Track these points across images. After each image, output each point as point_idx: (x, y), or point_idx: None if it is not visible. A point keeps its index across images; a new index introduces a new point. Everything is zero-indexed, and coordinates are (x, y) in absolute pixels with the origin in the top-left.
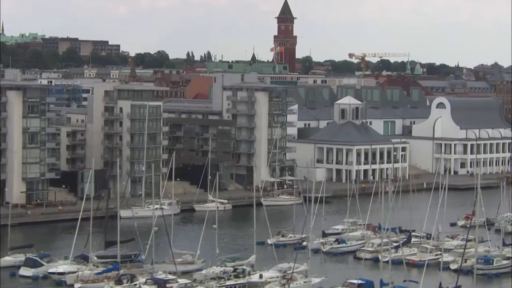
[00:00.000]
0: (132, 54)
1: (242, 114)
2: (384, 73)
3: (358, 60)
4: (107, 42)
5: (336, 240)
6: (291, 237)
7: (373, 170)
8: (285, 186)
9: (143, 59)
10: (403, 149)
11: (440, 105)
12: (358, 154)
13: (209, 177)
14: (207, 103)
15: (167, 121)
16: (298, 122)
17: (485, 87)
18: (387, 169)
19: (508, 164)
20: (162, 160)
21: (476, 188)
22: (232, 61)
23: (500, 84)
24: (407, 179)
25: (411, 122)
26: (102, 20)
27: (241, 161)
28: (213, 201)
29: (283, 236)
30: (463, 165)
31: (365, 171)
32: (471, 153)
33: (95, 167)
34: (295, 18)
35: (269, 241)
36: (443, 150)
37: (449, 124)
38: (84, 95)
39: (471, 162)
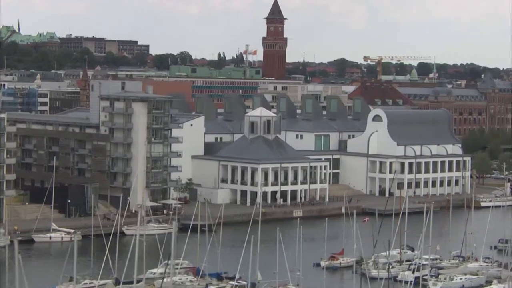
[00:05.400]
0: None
1: (119, 128)
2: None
3: (396, 62)
4: (136, 42)
5: None
6: (86, 284)
7: (284, 192)
8: (165, 212)
9: (164, 60)
10: (323, 167)
11: (377, 118)
12: (266, 173)
13: (68, 200)
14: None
15: (44, 133)
16: (207, 136)
17: (475, 95)
18: (301, 191)
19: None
20: (6, 181)
21: (350, 214)
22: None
23: (491, 92)
24: (326, 203)
25: (349, 136)
26: (171, 21)
27: (116, 182)
28: (57, 230)
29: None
30: (400, 185)
31: (273, 193)
32: (410, 172)
33: None
34: (286, 18)
35: None
36: (378, 169)
37: (386, 139)
38: (41, 99)
39: (409, 183)
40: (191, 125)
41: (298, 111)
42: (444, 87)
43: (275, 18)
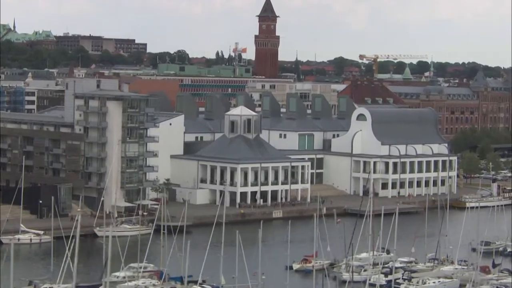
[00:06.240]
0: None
1: (93, 127)
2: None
3: (396, 61)
4: (133, 40)
5: None
6: None
7: (264, 193)
8: (140, 212)
9: (159, 58)
10: (305, 167)
11: (361, 117)
12: (246, 173)
13: (40, 201)
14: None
15: (19, 133)
16: (188, 135)
17: (467, 93)
18: (282, 191)
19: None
20: None
21: (319, 216)
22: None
23: (484, 90)
24: (307, 204)
25: (334, 136)
26: (171, 20)
27: (91, 182)
28: (26, 231)
29: (35, 287)
30: (384, 186)
31: (253, 193)
32: (394, 172)
33: None
34: (278, 16)
35: None
36: (362, 169)
37: (370, 138)
38: (28, 98)
39: (393, 183)
40: (170, 124)
41: (283, 109)
42: (436, 86)
43: (267, 16)
